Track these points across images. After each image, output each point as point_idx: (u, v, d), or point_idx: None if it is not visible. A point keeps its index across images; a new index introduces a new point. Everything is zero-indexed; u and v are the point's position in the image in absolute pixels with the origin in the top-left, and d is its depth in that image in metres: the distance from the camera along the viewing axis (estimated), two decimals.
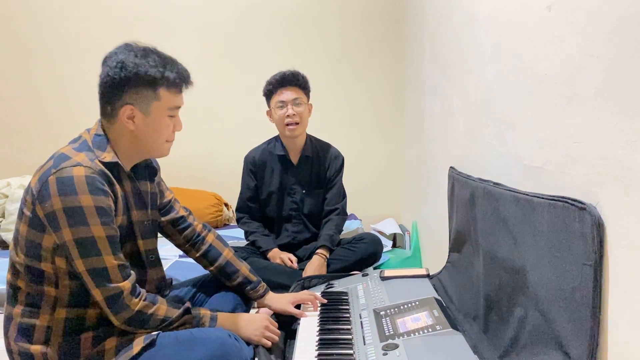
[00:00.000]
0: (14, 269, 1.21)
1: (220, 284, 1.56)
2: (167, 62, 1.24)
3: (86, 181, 1.12)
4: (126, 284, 1.17)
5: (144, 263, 1.35)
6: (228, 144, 3.36)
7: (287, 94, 2.21)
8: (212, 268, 1.53)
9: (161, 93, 1.23)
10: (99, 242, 1.13)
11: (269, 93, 2.26)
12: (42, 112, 3.35)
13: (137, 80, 1.20)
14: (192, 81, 1.30)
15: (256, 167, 2.35)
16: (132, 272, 1.21)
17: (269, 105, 2.29)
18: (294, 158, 2.35)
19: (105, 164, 1.19)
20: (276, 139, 2.37)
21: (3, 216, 2.87)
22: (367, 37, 3.38)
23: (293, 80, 2.22)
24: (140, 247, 1.33)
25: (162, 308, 1.23)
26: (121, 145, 1.26)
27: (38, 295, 1.18)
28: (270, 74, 2.28)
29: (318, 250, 2.20)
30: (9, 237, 2.77)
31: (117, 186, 1.22)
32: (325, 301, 1.59)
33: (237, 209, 2.40)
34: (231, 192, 2.82)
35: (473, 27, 1.66)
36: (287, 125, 2.22)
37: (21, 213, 1.18)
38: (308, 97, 2.28)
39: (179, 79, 1.26)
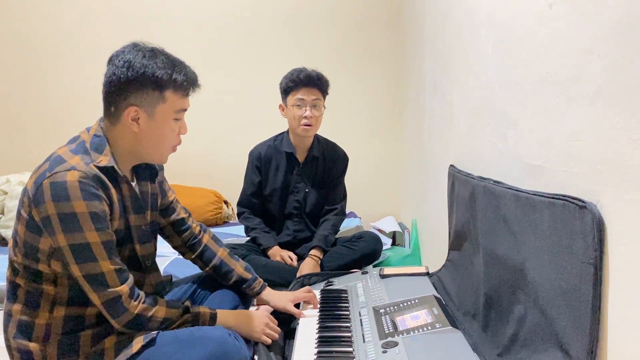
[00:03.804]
0: (12, 267, 1.20)
1: None
2: (175, 64, 1.22)
3: (79, 187, 1.10)
4: (124, 288, 1.16)
5: (142, 267, 1.34)
6: (228, 142, 3.36)
7: (308, 94, 2.18)
8: (207, 269, 1.53)
9: (167, 95, 1.20)
10: (94, 248, 1.12)
11: (288, 89, 2.21)
12: (42, 109, 3.34)
13: (143, 81, 1.17)
14: (200, 84, 1.28)
15: (261, 162, 2.32)
16: (129, 275, 1.20)
17: (284, 99, 2.25)
18: (301, 156, 2.33)
19: (101, 168, 1.17)
20: (284, 135, 2.35)
21: (2, 213, 2.86)
22: (367, 35, 3.37)
23: (317, 83, 2.20)
24: (137, 252, 1.31)
25: (161, 309, 1.22)
26: (121, 148, 1.24)
27: (37, 294, 1.18)
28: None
29: (311, 252, 2.18)
30: (8, 233, 2.76)
31: (113, 190, 1.20)
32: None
33: (239, 204, 2.38)
34: (231, 189, 2.81)
35: (474, 24, 1.65)
36: (303, 124, 2.20)
37: (19, 214, 1.17)
38: (325, 99, 2.26)
39: (187, 82, 1.23)
